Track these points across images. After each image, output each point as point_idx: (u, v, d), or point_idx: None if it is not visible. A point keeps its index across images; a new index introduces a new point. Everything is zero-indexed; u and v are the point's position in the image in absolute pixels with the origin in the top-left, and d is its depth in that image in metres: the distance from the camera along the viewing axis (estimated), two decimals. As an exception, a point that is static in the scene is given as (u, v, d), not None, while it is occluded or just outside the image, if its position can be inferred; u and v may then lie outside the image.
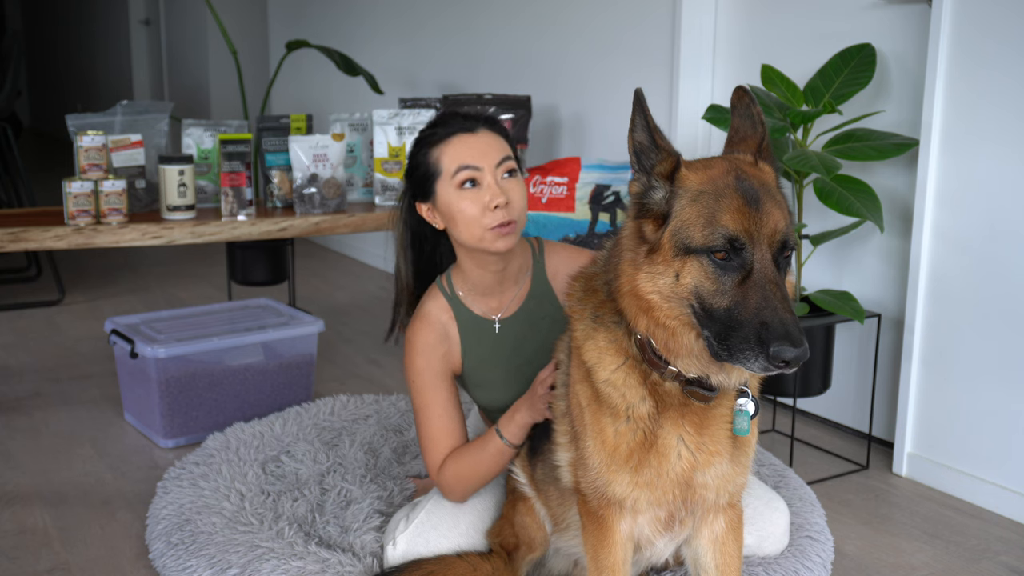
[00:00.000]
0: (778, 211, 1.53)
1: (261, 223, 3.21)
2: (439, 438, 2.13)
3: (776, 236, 1.50)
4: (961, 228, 2.65)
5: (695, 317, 1.53)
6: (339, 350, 3.96)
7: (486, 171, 2.03)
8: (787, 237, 1.52)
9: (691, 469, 1.68)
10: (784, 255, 1.52)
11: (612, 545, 1.76)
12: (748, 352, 1.45)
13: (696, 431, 1.67)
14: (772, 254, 1.50)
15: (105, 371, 3.67)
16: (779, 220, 1.52)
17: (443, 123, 2.09)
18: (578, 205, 3.33)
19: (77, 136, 3.09)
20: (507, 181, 2.05)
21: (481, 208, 2.01)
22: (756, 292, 1.46)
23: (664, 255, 1.54)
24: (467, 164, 2.02)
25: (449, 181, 2.04)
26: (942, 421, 2.75)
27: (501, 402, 2.18)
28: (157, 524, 2.39)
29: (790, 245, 1.53)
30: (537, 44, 4.20)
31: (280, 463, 2.73)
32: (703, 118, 2.85)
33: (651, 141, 1.59)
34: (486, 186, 2.02)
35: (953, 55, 2.61)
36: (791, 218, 1.57)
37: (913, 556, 2.40)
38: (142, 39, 9.25)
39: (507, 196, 2.03)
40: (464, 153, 2.03)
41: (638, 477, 1.68)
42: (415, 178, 2.11)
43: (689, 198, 1.54)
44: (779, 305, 1.45)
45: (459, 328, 2.14)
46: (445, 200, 2.05)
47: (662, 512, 1.74)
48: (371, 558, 2.21)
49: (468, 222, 2.02)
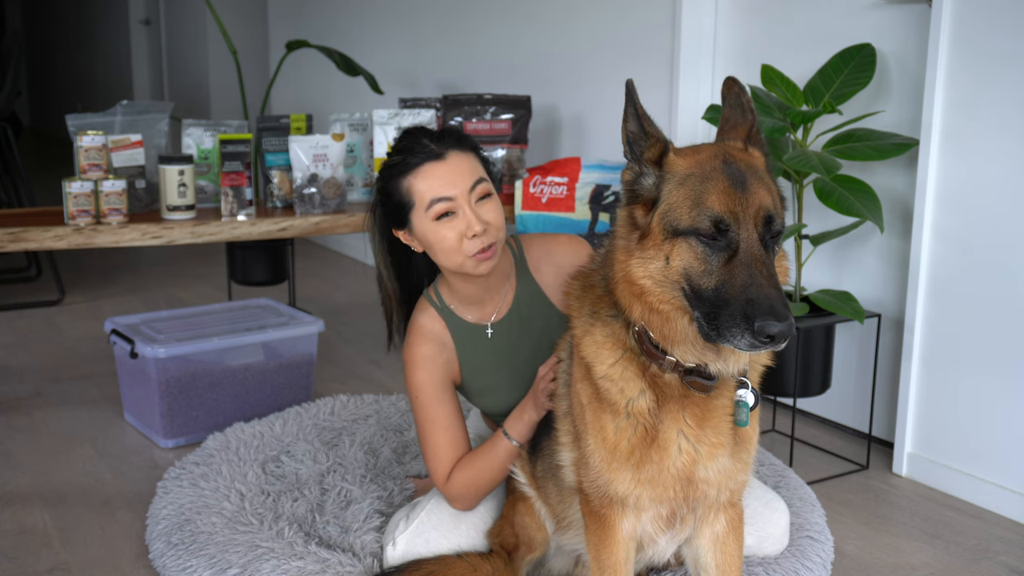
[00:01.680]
0: (764, 191, 1.54)
1: (261, 223, 3.21)
2: (446, 450, 2.11)
3: (761, 214, 1.52)
4: (961, 228, 2.65)
5: (686, 300, 1.54)
6: (339, 350, 3.96)
7: (459, 199, 1.99)
8: (773, 214, 1.53)
9: (692, 463, 1.68)
10: (771, 234, 1.53)
11: (614, 544, 1.76)
12: (735, 329, 1.46)
13: (697, 424, 1.67)
14: (758, 233, 1.51)
15: (105, 371, 3.67)
16: (764, 199, 1.53)
17: (409, 149, 2.03)
18: (578, 205, 3.33)
19: (77, 136, 3.09)
20: (482, 204, 2.02)
21: (459, 237, 1.99)
22: (742, 270, 1.48)
23: (654, 239, 1.56)
24: (440, 196, 1.99)
25: (423, 213, 2.00)
26: (942, 421, 2.75)
27: (505, 406, 2.18)
28: (157, 524, 2.39)
29: (776, 224, 1.54)
30: (537, 44, 4.20)
31: (280, 463, 2.73)
32: (703, 118, 2.85)
33: (640, 128, 1.62)
34: (461, 215, 1.99)
35: (953, 55, 2.61)
36: (781, 200, 1.58)
37: (913, 556, 2.40)
38: (142, 39, 9.25)
39: (483, 222, 2.00)
40: (436, 185, 1.99)
41: (639, 474, 1.68)
42: (388, 207, 2.07)
43: (677, 182, 1.56)
44: (764, 282, 1.46)
45: (453, 337, 2.14)
46: (421, 230, 2.03)
47: (664, 509, 1.74)
48: (371, 558, 2.21)
49: (447, 252, 2.01)
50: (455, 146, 2.04)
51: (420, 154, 2.01)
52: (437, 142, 2.03)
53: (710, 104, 2.91)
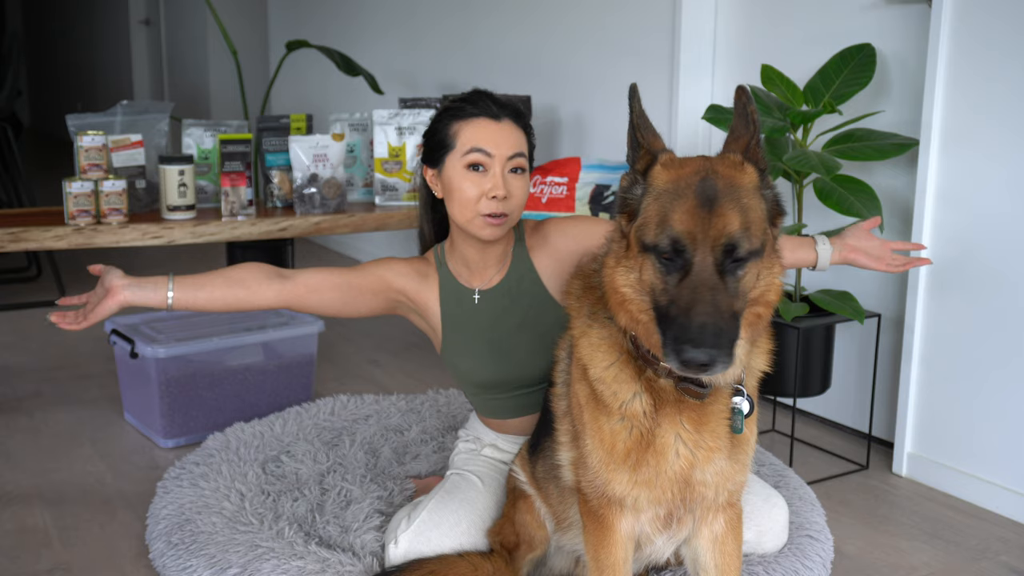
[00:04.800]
0: (734, 214, 1.50)
1: (261, 223, 3.21)
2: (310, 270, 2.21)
3: (720, 240, 1.48)
4: (961, 228, 2.65)
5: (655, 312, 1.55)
6: (339, 350, 3.96)
7: (496, 160, 2.08)
8: (736, 240, 1.49)
9: (690, 467, 1.68)
10: (733, 260, 1.50)
11: (612, 545, 1.76)
12: (667, 348, 1.48)
13: (694, 428, 1.67)
14: (715, 257, 1.49)
15: (105, 371, 3.67)
16: (730, 223, 1.49)
17: (473, 102, 2.13)
18: (578, 205, 3.33)
19: (77, 136, 3.09)
20: (513, 176, 2.10)
21: (479, 193, 2.07)
22: (687, 293, 1.47)
23: (632, 251, 1.58)
24: (480, 147, 2.07)
25: (459, 158, 2.09)
26: (942, 421, 2.75)
27: (480, 375, 2.23)
28: (157, 524, 2.38)
29: (740, 250, 1.49)
30: (537, 44, 4.20)
31: (280, 463, 2.73)
32: (703, 118, 2.85)
33: (633, 137, 1.62)
34: (491, 174, 2.07)
35: (953, 55, 2.61)
36: (758, 223, 1.53)
37: (913, 556, 2.40)
38: (142, 39, 9.25)
39: (508, 190, 2.07)
40: (481, 136, 2.08)
41: (636, 476, 1.68)
42: (430, 143, 2.16)
43: (654, 196, 1.56)
44: (702, 308, 1.45)
45: (440, 289, 2.22)
46: (449, 174, 2.11)
47: (661, 510, 1.74)
48: (371, 558, 2.21)
49: (463, 202, 2.08)
50: (513, 117, 2.13)
51: (481, 107, 2.11)
52: (499, 107, 2.13)
53: (710, 104, 2.91)
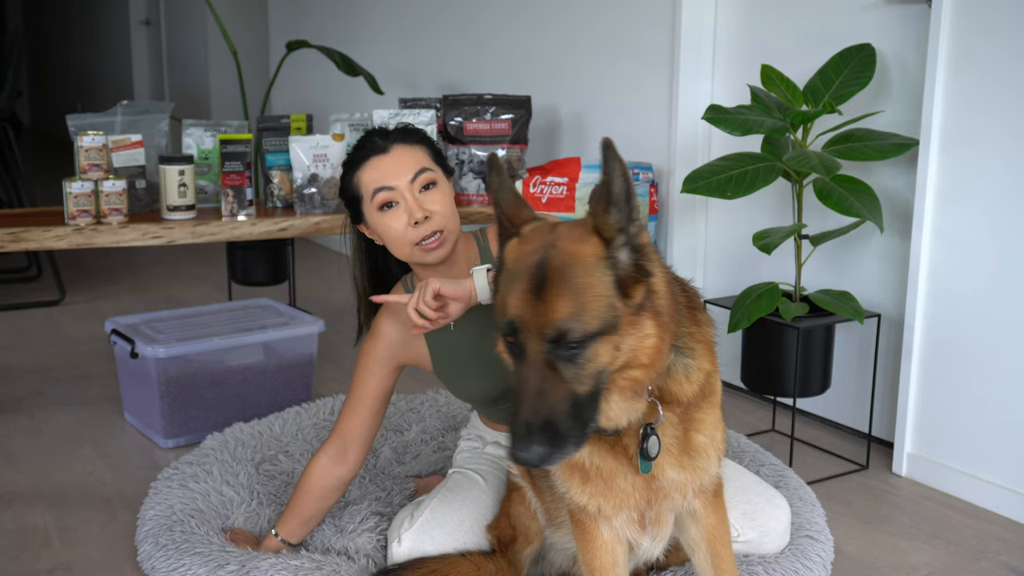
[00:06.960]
0: (562, 300, 1.43)
1: (261, 223, 3.20)
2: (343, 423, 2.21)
3: (546, 329, 1.43)
4: (961, 228, 2.65)
5: None
6: (339, 350, 3.96)
7: (399, 190, 2.10)
8: (563, 329, 1.42)
9: (645, 481, 1.69)
10: (567, 346, 1.43)
11: (596, 549, 1.78)
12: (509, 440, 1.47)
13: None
14: (544, 345, 1.44)
15: (105, 371, 3.67)
16: (560, 311, 1.42)
17: (360, 146, 2.16)
18: (578, 205, 3.33)
19: (77, 136, 3.09)
20: (425, 194, 2.11)
21: (403, 226, 2.09)
22: (520, 383, 1.47)
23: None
24: (379, 186, 2.10)
25: (370, 204, 2.12)
26: (942, 421, 2.75)
27: (480, 393, 2.23)
28: (144, 525, 2.37)
29: (571, 336, 1.42)
30: (537, 44, 4.20)
31: (277, 462, 2.73)
32: (703, 118, 2.85)
33: (496, 212, 1.60)
34: (403, 205, 2.09)
35: (953, 55, 2.61)
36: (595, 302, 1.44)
37: (913, 556, 2.40)
38: (142, 39, 9.24)
39: (426, 210, 2.08)
40: (376, 175, 2.11)
41: (591, 488, 1.71)
42: (347, 202, 2.20)
43: (504, 275, 1.54)
44: (527, 404, 1.43)
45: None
46: (372, 221, 2.14)
47: (634, 513, 1.75)
48: (366, 559, 2.21)
49: (395, 241, 2.11)
50: (400, 140, 2.15)
51: (367, 149, 2.14)
52: (384, 138, 2.15)
53: (710, 104, 2.91)
